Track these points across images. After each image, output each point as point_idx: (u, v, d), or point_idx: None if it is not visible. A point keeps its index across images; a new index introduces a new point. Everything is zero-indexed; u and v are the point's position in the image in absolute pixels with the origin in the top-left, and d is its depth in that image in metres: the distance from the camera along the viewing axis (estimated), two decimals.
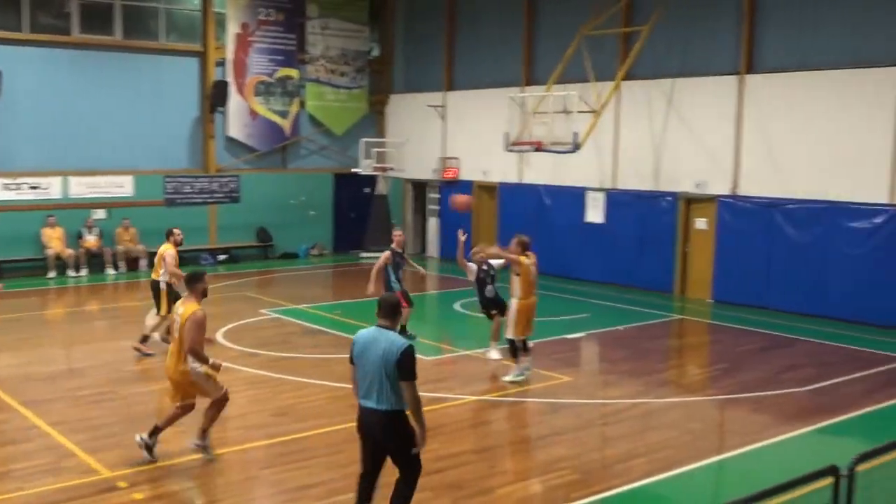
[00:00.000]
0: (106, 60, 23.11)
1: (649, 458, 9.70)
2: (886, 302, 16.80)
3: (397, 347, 7.05)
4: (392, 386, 7.08)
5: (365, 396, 7.23)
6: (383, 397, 7.12)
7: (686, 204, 20.15)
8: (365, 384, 7.22)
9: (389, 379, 7.07)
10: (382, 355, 7.06)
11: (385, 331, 7.22)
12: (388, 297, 7.49)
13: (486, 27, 24.46)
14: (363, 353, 7.21)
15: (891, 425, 11.18)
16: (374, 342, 7.16)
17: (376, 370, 7.10)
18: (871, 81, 16.98)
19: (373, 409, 7.19)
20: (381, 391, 7.12)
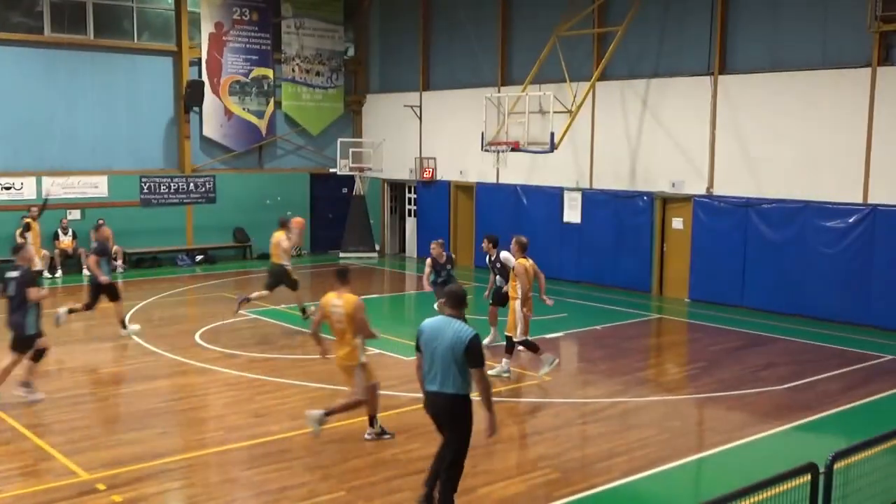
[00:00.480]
0: (79, 60, 22.94)
1: (629, 456, 9.75)
2: (861, 300, 16.98)
3: (465, 336, 7.42)
4: (458, 371, 7.46)
5: (430, 381, 7.64)
6: (448, 382, 7.51)
7: (662, 203, 20.26)
8: (431, 370, 7.62)
9: (457, 365, 7.44)
10: (451, 343, 7.43)
11: (452, 320, 7.59)
12: (454, 288, 7.93)
13: (461, 27, 24.49)
14: (430, 340, 7.60)
15: (868, 422, 11.28)
16: (441, 331, 7.54)
17: (444, 357, 7.48)
18: (844, 82, 17.14)
19: (437, 392, 7.59)
20: (446, 376, 7.51)
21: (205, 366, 13.53)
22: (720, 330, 16.81)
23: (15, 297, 11.27)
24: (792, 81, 17.94)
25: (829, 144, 17.44)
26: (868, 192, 16.94)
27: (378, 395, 10.29)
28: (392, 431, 10.32)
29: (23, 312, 11.29)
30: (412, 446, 9.99)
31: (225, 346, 14.87)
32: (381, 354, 14.46)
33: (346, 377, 10.18)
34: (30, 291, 11.20)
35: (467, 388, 7.56)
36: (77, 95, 23.00)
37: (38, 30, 22.42)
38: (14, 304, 11.31)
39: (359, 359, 9.89)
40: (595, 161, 21.57)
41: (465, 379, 7.52)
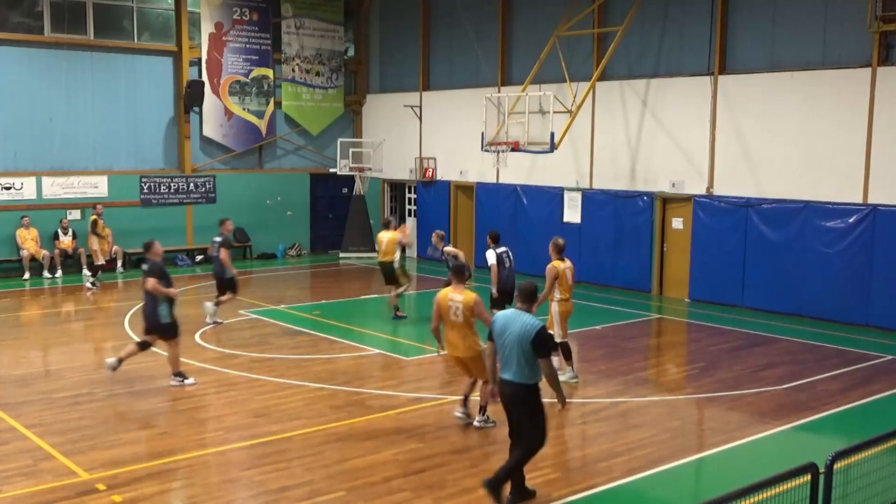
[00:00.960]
0: (79, 60, 22.94)
1: (629, 456, 9.75)
2: (861, 300, 16.98)
3: (532, 328, 7.94)
4: (527, 361, 7.96)
5: (504, 369, 8.16)
6: (518, 371, 8.01)
7: (662, 203, 20.26)
8: (503, 359, 8.15)
9: (525, 355, 7.94)
10: (519, 334, 7.95)
11: (522, 313, 8.16)
12: (525, 284, 8.41)
13: (461, 27, 24.49)
14: (503, 331, 8.12)
15: (868, 422, 11.29)
16: (511, 323, 8.08)
17: (513, 347, 7.99)
18: (844, 82, 17.14)
19: (508, 381, 8.11)
20: (517, 366, 8.00)
21: (205, 366, 13.53)
22: (720, 330, 16.81)
23: (146, 290, 12.26)
24: (792, 81, 17.94)
25: (829, 144, 17.44)
26: (868, 192, 16.94)
27: None
28: (494, 420, 10.50)
29: (154, 303, 12.18)
30: (412, 446, 9.99)
31: (225, 346, 14.87)
32: (380, 354, 14.48)
33: (464, 367, 10.61)
34: (147, 281, 12.11)
35: (535, 377, 8.05)
36: (77, 95, 23.00)
37: (38, 30, 22.42)
38: (147, 295, 12.27)
39: (480, 346, 10.19)
40: (595, 161, 21.58)
41: (534, 368, 8.00)
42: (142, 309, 12.65)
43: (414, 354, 14.73)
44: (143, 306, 12.53)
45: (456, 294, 10.20)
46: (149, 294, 12.24)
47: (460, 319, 10.17)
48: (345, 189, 27.26)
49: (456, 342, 10.35)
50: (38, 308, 18.87)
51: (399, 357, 14.44)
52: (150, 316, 12.28)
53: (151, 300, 12.24)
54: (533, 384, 8.04)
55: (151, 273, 12.17)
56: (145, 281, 12.17)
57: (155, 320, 12.24)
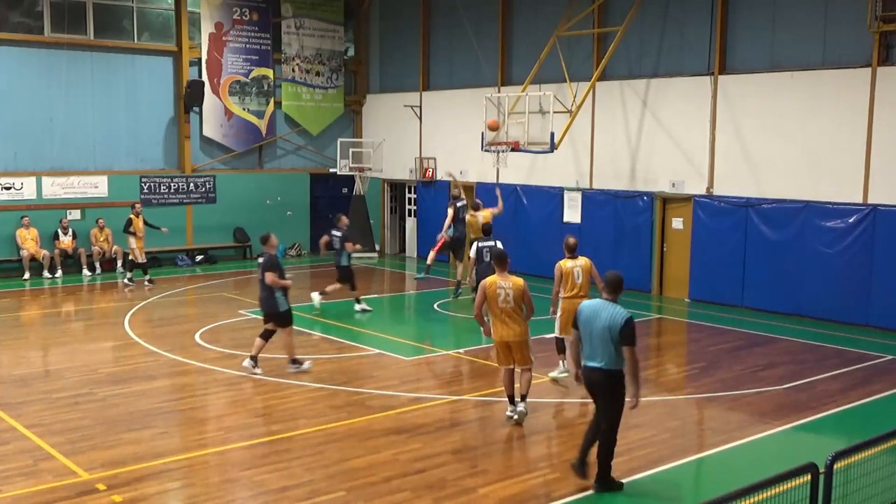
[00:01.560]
0: (79, 60, 22.94)
1: (629, 456, 9.75)
2: (861, 300, 16.98)
3: (620, 317, 8.35)
4: (614, 349, 8.37)
5: (589, 357, 8.57)
6: (605, 358, 8.42)
7: (662, 203, 20.26)
8: (589, 347, 8.56)
9: (612, 343, 8.35)
10: (607, 324, 8.36)
11: (608, 303, 8.55)
12: (613, 274, 8.81)
13: (461, 27, 24.47)
14: (588, 321, 8.54)
15: (868, 423, 11.29)
16: (599, 312, 8.49)
17: (601, 336, 8.40)
18: (844, 82, 17.14)
19: (595, 367, 8.52)
20: (603, 353, 8.42)
21: (205, 366, 13.54)
22: (720, 330, 16.81)
23: (262, 280, 13.00)
24: (792, 81, 17.94)
25: (829, 144, 17.44)
26: (868, 192, 16.94)
27: None
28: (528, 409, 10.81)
29: (270, 292, 12.92)
30: (412, 446, 9.99)
31: (225, 346, 14.87)
32: (380, 354, 14.48)
33: (510, 354, 10.76)
34: (266, 276, 12.82)
35: (620, 364, 8.43)
36: (77, 95, 23.00)
37: (38, 30, 22.42)
38: (263, 285, 13.00)
39: (528, 332, 10.70)
40: (595, 161, 21.58)
41: (619, 356, 8.40)
42: (259, 298, 13.34)
43: (413, 354, 14.73)
44: (260, 295, 13.24)
45: (504, 281, 10.54)
46: (265, 284, 12.91)
47: (511, 305, 10.51)
48: (345, 189, 27.26)
49: (506, 328, 10.59)
50: (38, 308, 18.88)
51: (399, 357, 14.44)
52: (267, 305, 13.07)
53: (267, 290, 12.95)
54: (618, 370, 8.45)
55: (269, 267, 12.87)
56: (263, 274, 12.85)
57: (273, 309, 13.03)
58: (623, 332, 8.31)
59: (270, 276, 12.80)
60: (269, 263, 12.97)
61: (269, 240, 13.40)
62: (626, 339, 8.32)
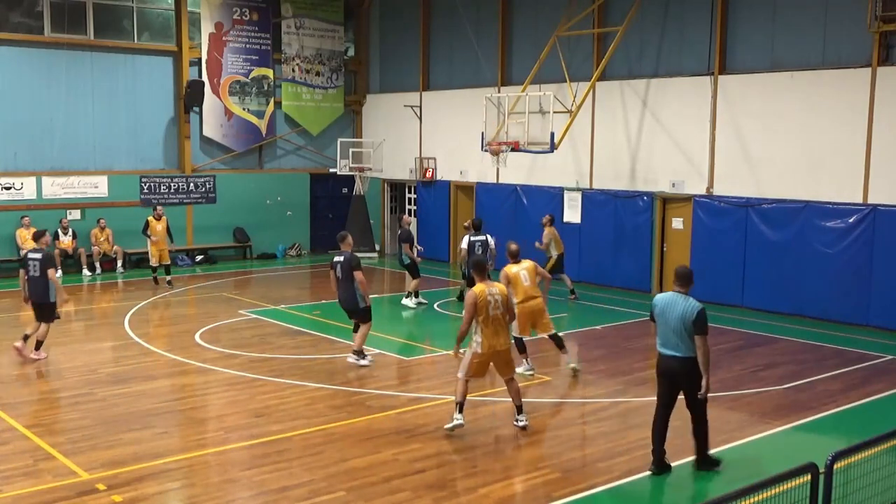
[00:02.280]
0: (79, 60, 22.94)
1: (629, 456, 9.75)
2: (861, 300, 16.98)
3: (693, 309, 8.89)
4: (689, 337, 8.87)
5: (664, 346, 9.10)
6: (681, 347, 8.94)
7: (662, 203, 20.26)
8: (664, 336, 9.08)
9: (686, 332, 8.87)
10: (681, 314, 8.89)
11: (681, 295, 9.08)
12: (683, 268, 9.35)
13: (461, 27, 24.47)
14: (663, 311, 9.07)
15: (868, 422, 11.28)
16: (674, 304, 9.02)
17: (676, 326, 8.92)
18: (844, 82, 17.14)
19: (672, 356, 9.02)
20: (681, 342, 8.92)
21: (205, 366, 13.54)
22: (720, 330, 16.78)
23: (342, 279, 13.39)
24: (792, 81, 17.94)
25: (829, 144, 17.44)
26: (868, 192, 16.94)
27: None
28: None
29: (352, 289, 13.32)
30: (412, 446, 9.99)
31: (225, 346, 14.87)
32: (380, 354, 14.47)
33: (491, 365, 10.63)
34: (355, 275, 13.22)
35: (695, 352, 8.86)
36: (77, 95, 23.00)
37: (38, 30, 22.42)
38: (345, 283, 13.39)
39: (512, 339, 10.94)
40: (595, 161, 21.58)
41: (693, 344, 8.86)
42: (342, 296, 13.59)
43: (414, 354, 14.73)
44: (343, 293, 13.53)
45: (490, 287, 10.44)
46: (346, 282, 13.34)
47: (500, 311, 10.41)
48: (345, 189, 27.27)
49: (497, 338, 10.43)
50: None
51: (399, 357, 14.44)
52: (350, 302, 13.48)
53: (349, 287, 13.36)
54: (694, 357, 8.88)
55: (356, 266, 13.28)
56: (350, 273, 13.21)
57: (354, 306, 13.46)
58: (696, 322, 8.81)
59: (360, 275, 13.22)
60: (355, 261, 13.35)
61: (346, 239, 13.84)
62: (699, 328, 8.82)
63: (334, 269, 13.54)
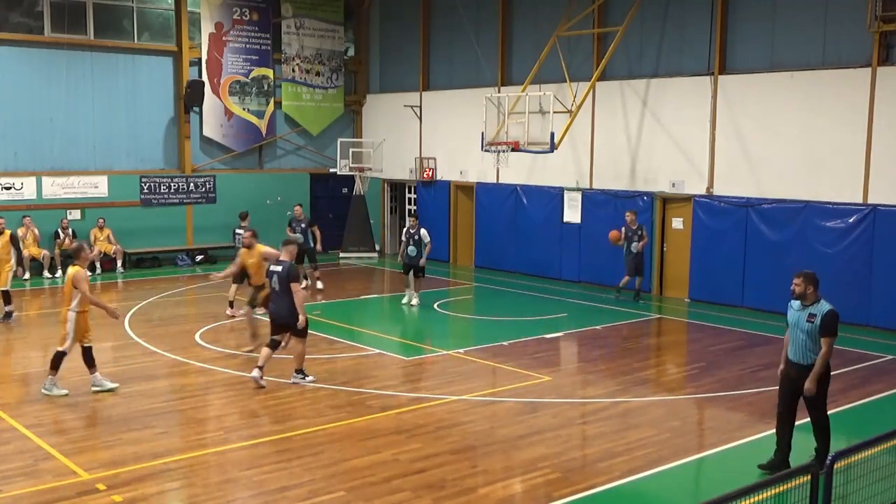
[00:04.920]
0: (79, 60, 22.93)
1: (629, 456, 9.75)
2: (861, 300, 16.96)
3: (822, 312, 9.26)
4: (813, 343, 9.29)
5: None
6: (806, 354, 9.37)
7: (662, 203, 20.25)
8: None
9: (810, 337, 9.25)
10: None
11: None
12: (808, 272, 9.76)
13: (461, 27, 24.47)
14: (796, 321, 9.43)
15: (867, 423, 11.29)
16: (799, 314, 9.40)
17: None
18: (844, 82, 17.13)
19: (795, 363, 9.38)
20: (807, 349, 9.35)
21: (205, 366, 13.54)
22: (720, 330, 16.80)
23: (279, 291, 12.41)
24: (792, 81, 17.93)
25: (829, 144, 17.43)
26: (868, 192, 16.94)
27: None
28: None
29: (287, 303, 12.28)
30: (412, 446, 9.99)
31: (225, 346, 14.87)
32: (380, 354, 14.48)
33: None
34: (294, 287, 12.25)
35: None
36: (77, 95, 22.99)
37: (38, 30, 22.42)
38: (279, 296, 12.47)
39: None
40: (595, 161, 21.58)
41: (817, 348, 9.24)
42: (276, 310, 12.62)
43: (414, 354, 14.73)
44: (277, 307, 12.55)
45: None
46: (283, 294, 12.35)
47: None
48: (345, 189, 27.26)
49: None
50: (38, 308, 18.87)
51: (399, 357, 14.44)
52: (286, 317, 12.38)
53: (285, 300, 12.38)
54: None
55: (294, 278, 12.39)
56: (288, 286, 12.18)
57: (290, 321, 12.33)
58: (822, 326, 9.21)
59: (299, 288, 12.34)
60: (296, 273, 12.49)
61: (288, 247, 12.78)
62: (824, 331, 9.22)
63: (270, 279, 12.59)
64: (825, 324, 9.21)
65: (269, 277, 12.71)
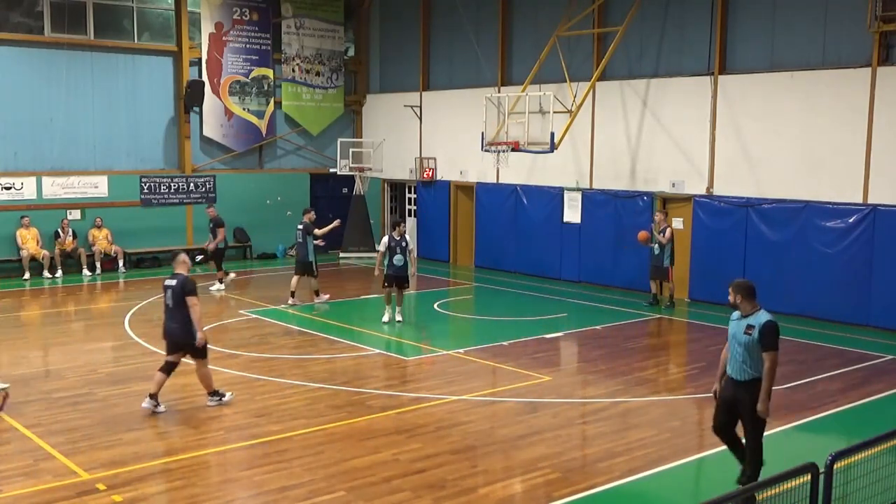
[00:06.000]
0: (79, 60, 22.94)
1: (629, 456, 9.75)
2: (861, 300, 16.97)
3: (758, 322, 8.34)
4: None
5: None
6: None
7: (662, 204, 20.24)
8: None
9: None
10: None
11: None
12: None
13: (461, 27, 24.47)
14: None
15: (867, 422, 11.28)
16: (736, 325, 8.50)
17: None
18: (844, 82, 17.13)
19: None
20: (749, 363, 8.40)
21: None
22: (720, 330, 16.76)
23: (173, 306, 11.27)
24: (792, 81, 17.93)
25: (829, 144, 17.43)
26: (868, 192, 16.94)
27: None
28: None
29: (182, 319, 11.18)
30: (412, 446, 9.99)
31: (225, 346, 14.87)
32: (380, 354, 14.48)
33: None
34: (189, 300, 11.16)
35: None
36: (77, 95, 22.99)
37: (38, 30, 22.42)
38: (172, 311, 11.32)
39: None
40: (595, 161, 21.58)
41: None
42: (170, 327, 11.52)
43: (414, 354, 14.73)
44: (171, 323, 11.45)
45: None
46: (177, 309, 11.28)
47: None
48: (345, 189, 27.26)
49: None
50: (38, 308, 18.87)
51: (399, 357, 14.44)
52: (181, 334, 11.29)
53: (180, 316, 11.27)
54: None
55: (190, 291, 11.31)
56: (182, 300, 11.21)
57: (187, 339, 11.28)
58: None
59: (196, 301, 11.26)
60: (191, 286, 11.34)
61: (180, 258, 11.80)
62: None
63: (164, 294, 11.50)
64: (764, 337, 8.23)
65: (163, 292, 11.54)
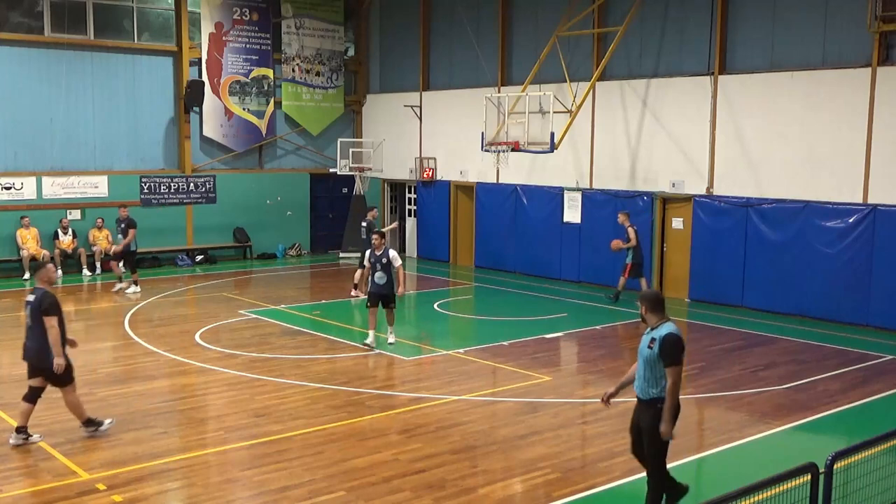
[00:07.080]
0: (79, 60, 22.93)
1: (629, 456, 9.65)
2: (861, 300, 16.97)
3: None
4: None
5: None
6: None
7: (662, 203, 20.25)
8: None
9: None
10: None
11: None
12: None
13: (461, 27, 24.47)
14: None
15: (867, 422, 11.28)
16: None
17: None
18: (844, 82, 17.13)
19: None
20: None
21: (205, 366, 13.54)
22: (720, 330, 16.80)
23: (32, 325, 10.42)
24: (792, 81, 17.93)
25: (829, 144, 17.43)
26: (868, 192, 16.93)
27: None
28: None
29: (40, 340, 10.27)
30: (412, 446, 9.99)
31: (225, 346, 14.87)
32: (380, 354, 14.47)
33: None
34: (47, 321, 10.18)
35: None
36: (77, 95, 22.99)
37: (38, 30, 22.41)
38: (31, 331, 10.48)
39: None
40: (595, 161, 21.57)
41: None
42: (28, 347, 10.58)
43: (414, 354, 14.73)
44: (29, 343, 10.51)
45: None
46: (35, 328, 10.33)
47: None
48: (345, 189, 27.27)
49: None
50: None
51: (399, 357, 14.44)
52: (37, 357, 10.37)
53: (38, 336, 10.31)
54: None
55: (47, 309, 10.26)
56: (40, 318, 10.23)
57: (44, 363, 10.26)
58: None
59: (54, 322, 10.12)
60: (49, 302, 10.15)
61: (41, 271, 10.62)
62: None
63: (25, 310, 10.44)
64: (664, 350, 7.59)
65: (25, 307, 10.45)
